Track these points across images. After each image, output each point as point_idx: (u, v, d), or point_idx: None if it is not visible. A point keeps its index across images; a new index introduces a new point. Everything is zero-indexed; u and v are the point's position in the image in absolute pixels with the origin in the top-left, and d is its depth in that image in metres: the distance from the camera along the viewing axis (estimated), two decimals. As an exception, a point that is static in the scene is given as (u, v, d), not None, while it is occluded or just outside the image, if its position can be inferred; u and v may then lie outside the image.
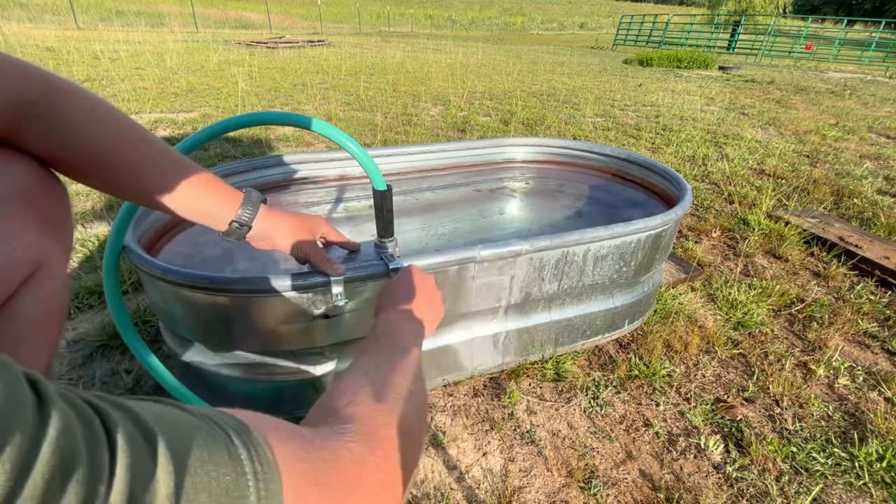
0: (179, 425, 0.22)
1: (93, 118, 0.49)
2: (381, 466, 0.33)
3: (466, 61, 8.79)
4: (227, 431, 0.24)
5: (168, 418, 0.22)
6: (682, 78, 7.89)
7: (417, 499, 0.92)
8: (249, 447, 0.24)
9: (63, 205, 0.51)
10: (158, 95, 4.29)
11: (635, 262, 1.14)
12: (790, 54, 13.73)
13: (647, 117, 4.47)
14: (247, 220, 0.63)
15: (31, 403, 0.16)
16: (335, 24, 28.10)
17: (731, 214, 2.30)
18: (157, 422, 0.21)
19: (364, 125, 3.67)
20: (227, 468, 0.22)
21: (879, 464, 1.02)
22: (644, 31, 17.90)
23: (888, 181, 2.93)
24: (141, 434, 0.19)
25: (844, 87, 7.34)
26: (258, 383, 0.95)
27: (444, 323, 1.04)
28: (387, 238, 0.86)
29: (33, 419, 0.16)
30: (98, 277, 1.52)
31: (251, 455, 0.24)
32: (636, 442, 1.07)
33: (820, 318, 1.53)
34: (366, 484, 0.31)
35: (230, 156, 2.76)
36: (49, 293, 0.46)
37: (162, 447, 0.20)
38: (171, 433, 0.21)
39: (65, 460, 0.16)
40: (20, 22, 13.12)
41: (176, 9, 20.87)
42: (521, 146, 1.73)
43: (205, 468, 0.21)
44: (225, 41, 11.02)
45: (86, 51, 7.01)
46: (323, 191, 1.47)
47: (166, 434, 0.20)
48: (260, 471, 0.24)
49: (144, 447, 0.19)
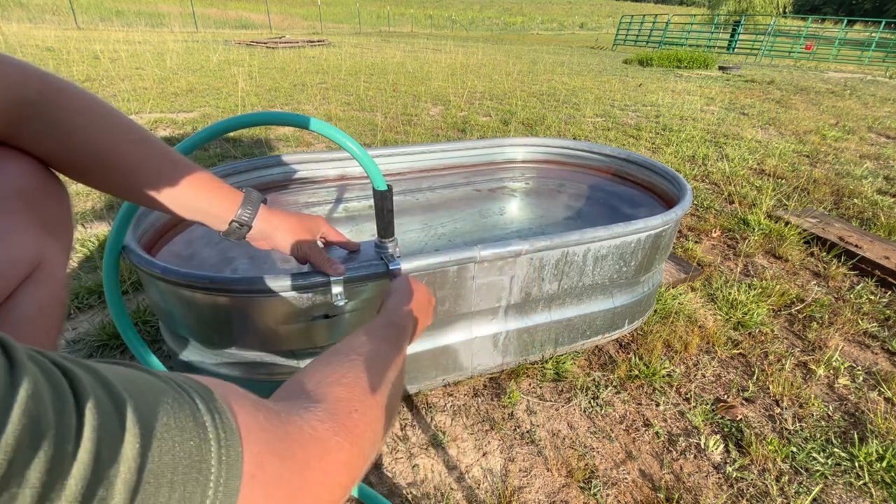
0: (148, 389, 0.23)
1: (93, 118, 0.49)
2: (342, 447, 0.33)
3: (466, 61, 8.79)
4: (193, 397, 0.25)
5: (137, 382, 0.22)
6: (682, 78, 7.89)
7: (417, 499, 0.92)
8: (213, 413, 0.25)
9: (63, 205, 0.51)
10: (158, 95, 4.29)
11: (635, 262, 1.14)
12: (790, 54, 13.73)
13: (647, 117, 4.47)
14: (247, 219, 0.63)
15: (2, 367, 0.17)
16: (335, 24, 28.11)
17: (731, 214, 2.30)
18: (126, 386, 0.21)
19: (364, 125, 3.67)
20: (191, 433, 0.23)
21: (879, 464, 1.02)
22: (644, 31, 17.91)
23: (888, 181, 2.93)
24: (109, 397, 0.20)
25: (844, 87, 7.34)
26: (258, 383, 0.95)
27: (445, 323, 1.04)
28: (387, 238, 0.86)
29: (4, 383, 0.16)
30: (98, 277, 1.52)
31: (215, 421, 0.25)
32: (636, 442, 1.07)
33: (820, 318, 1.53)
34: (326, 461, 0.31)
35: (230, 156, 2.76)
36: (48, 293, 0.46)
37: (130, 410, 0.20)
38: (139, 397, 0.21)
39: (34, 421, 0.17)
40: (20, 22, 13.12)
41: (176, 9, 20.88)
42: (521, 146, 1.73)
43: (170, 433, 0.22)
44: (225, 41, 11.02)
45: (86, 51, 7.01)
46: (323, 191, 1.47)
47: (134, 398, 0.21)
48: (223, 437, 0.24)
49: (112, 410, 0.20)
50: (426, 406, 1.13)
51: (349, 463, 0.33)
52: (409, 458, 1.00)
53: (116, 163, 0.51)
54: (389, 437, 1.05)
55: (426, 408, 1.12)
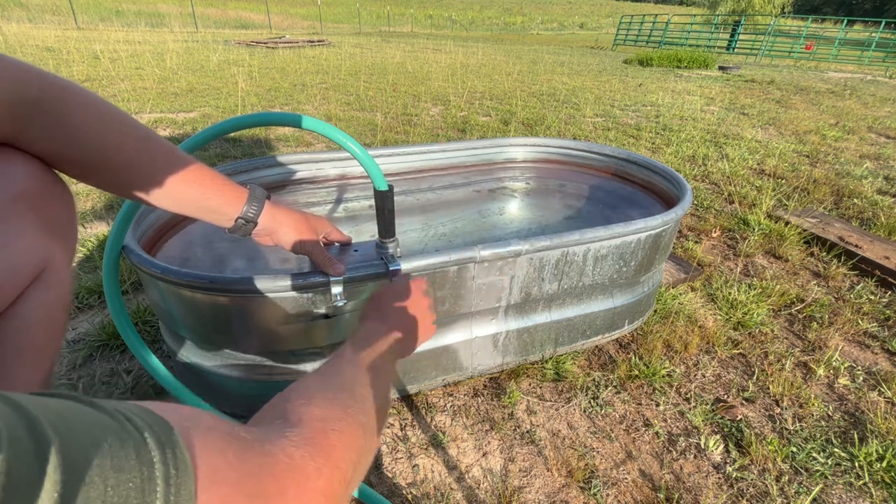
0: (82, 427, 0.21)
1: (98, 115, 0.49)
2: (322, 473, 0.32)
3: (466, 61, 8.79)
4: (142, 431, 0.23)
5: (69, 420, 0.21)
6: (682, 78, 7.89)
7: (417, 499, 0.92)
8: (165, 449, 0.23)
9: (67, 207, 0.51)
10: (158, 95, 4.29)
11: (635, 262, 1.14)
12: (790, 54, 13.73)
13: (647, 117, 4.47)
14: (252, 215, 0.64)
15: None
16: (335, 24, 28.10)
17: (731, 214, 2.30)
18: (56, 424, 0.20)
19: (364, 125, 3.67)
20: (131, 473, 0.21)
21: (879, 464, 1.02)
22: (644, 31, 17.90)
23: (888, 181, 2.93)
24: (31, 437, 0.18)
25: (844, 87, 7.34)
26: (258, 383, 0.95)
27: (445, 323, 1.04)
28: (388, 238, 0.86)
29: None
30: (98, 277, 1.52)
31: (165, 458, 0.23)
32: (636, 442, 1.07)
33: (820, 318, 1.53)
34: (302, 490, 0.30)
35: (230, 156, 2.76)
36: (53, 297, 0.46)
37: (53, 452, 0.18)
38: (68, 437, 0.20)
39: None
40: (20, 22, 13.12)
41: (176, 9, 20.87)
42: (521, 146, 1.73)
43: (103, 474, 0.20)
44: (225, 41, 11.02)
45: (86, 51, 7.01)
46: (323, 191, 1.47)
47: (63, 437, 0.19)
48: (173, 475, 0.23)
49: (32, 452, 0.18)
50: (426, 406, 1.13)
51: (328, 489, 0.32)
52: (409, 458, 1.00)
53: (123, 160, 0.51)
54: (389, 437, 1.05)
55: (426, 408, 1.12)
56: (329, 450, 0.34)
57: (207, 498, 0.24)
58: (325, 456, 0.33)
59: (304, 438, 0.33)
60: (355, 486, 0.37)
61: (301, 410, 0.36)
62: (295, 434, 0.33)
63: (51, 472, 0.18)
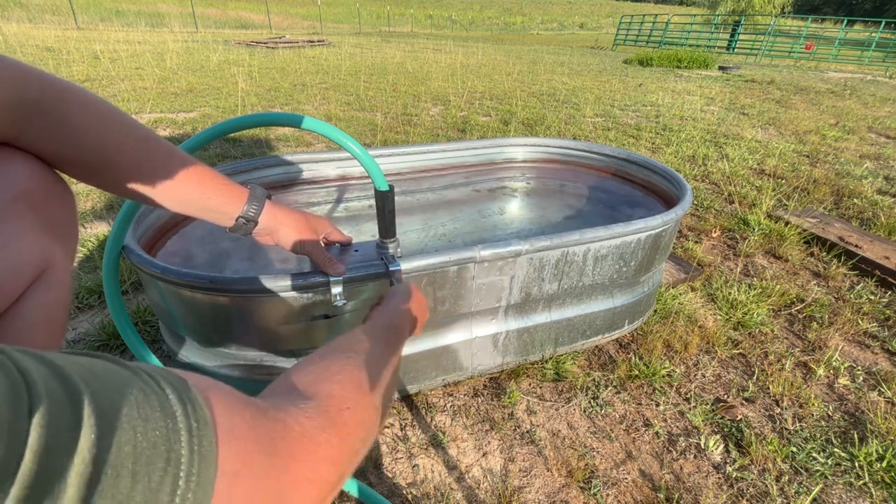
0: (110, 380, 0.22)
1: (98, 116, 0.49)
2: (331, 443, 0.33)
3: (466, 61, 8.79)
4: (164, 387, 0.24)
5: (98, 374, 0.22)
6: (682, 78, 7.89)
7: (417, 499, 0.92)
8: (186, 404, 0.24)
9: (68, 207, 0.51)
10: (158, 95, 4.29)
11: (635, 262, 1.14)
12: (790, 54, 13.73)
13: (647, 117, 4.47)
14: (253, 215, 0.64)
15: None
16: (335, 24, 28.10)
17: (731, 214, 2.30)
18: (85, 377, 0.21)
19: (364, 125, 3.67)
20: (157, 423, 0.22)
21: (879, 464, 1.02)
22: (644, 31, 17.90)
23: (888, 181, 2.93)
24: (64, 390, 0.20)
25: (844, 87, 7.34)
26: (258, 383, 0.95)
27: (445, 323, 1.04)
28: (388, 238, 0.86)
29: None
30: (98, 277, 1.52)
31: (186, 411, 0.24)
32: (636, 442, 1.07)
33: (820, 318, 1.53)
34: (314, 458, 0.31)
35: (230, 156, 2.76)
36: (53, 298, 0.46)
37: (86, 402, 0.20)
38: (98, 388, 0.21)
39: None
40: (20, 22, 13.12)
41: (176, 9, 20.87)
42: (521, 146, 1.73)
43: (132, 423, 0.21)
44: (225, 41, 11.02)
45: (86, 51, 7.01)
46: (323, 191, 1.47)
47: (93, 389, 0.21)
48: (195, 427, 0.24)
49: (67, 403, 0.19)
50: (426, 406, 1.13)
51: (338, 459, 0.33)
52: (409, 458, 1.00)
53: (124, 160, 0.51)
54: (389, 437, 1.05)
55: (426, 408, 1.12)
56: (341, 424, 0.35)
57: (227, 450, 0.25)
58: (337, 429, 0.34)
59: (319, 411, 0.34)
60: (361, 458, 0.39)
61: (317, 386, 0.37)
62: (310, 406, 0.34)
63: (86, 417, 0.20)
